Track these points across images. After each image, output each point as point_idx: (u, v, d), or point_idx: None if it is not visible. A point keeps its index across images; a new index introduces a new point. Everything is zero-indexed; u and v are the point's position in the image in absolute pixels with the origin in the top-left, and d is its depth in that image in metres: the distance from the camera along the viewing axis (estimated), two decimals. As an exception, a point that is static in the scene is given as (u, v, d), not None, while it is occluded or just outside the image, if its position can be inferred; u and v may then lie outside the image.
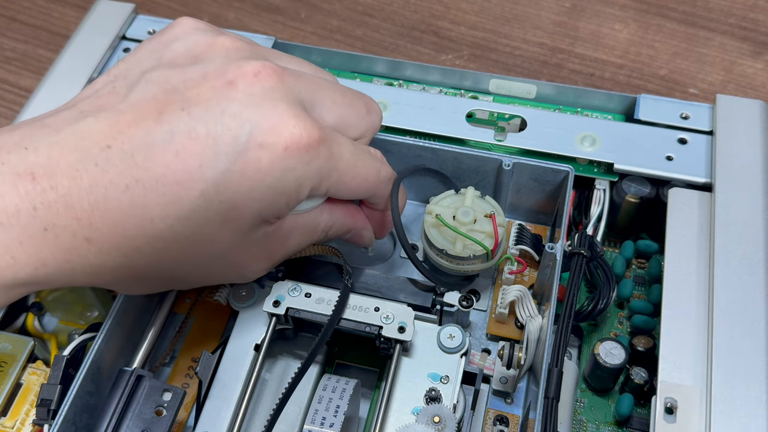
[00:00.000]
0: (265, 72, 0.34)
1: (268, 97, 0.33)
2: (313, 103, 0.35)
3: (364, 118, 0.38)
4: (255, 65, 0.34)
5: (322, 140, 0.34)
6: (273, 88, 0.34)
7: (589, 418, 0.41)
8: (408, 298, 0.40)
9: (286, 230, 0.36)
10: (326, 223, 0.38)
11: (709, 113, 0.47)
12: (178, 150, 0.31)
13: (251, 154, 0.32)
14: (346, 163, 0.35)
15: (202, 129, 0.32)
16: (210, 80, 0.33)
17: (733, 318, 0.38)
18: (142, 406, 0.37)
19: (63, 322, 0.46)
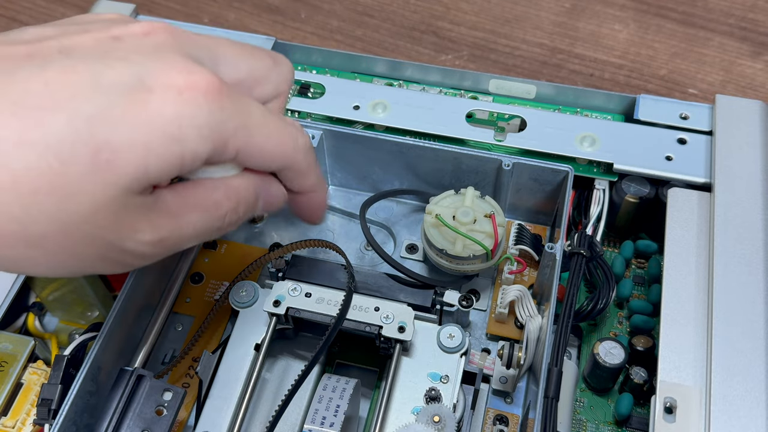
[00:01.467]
0: (155, 29, 0.31)
1: (159, 50, 0.30)
2: (214, 60, 0.32)
3: (273, 69, 0.35)
4: (144, 24, 0.31)
5: (224, 91, 0.30)
6: (165, 44, 0.31)
7: (589, 417, 0.41)
8: (408, 298, 0.40)
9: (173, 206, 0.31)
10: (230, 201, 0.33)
11: (709, 113, 0.47)
12: (47, 80, 0.28)
13: (138, 95, 0.28)
14: (257, 122, 0.31)
15: (81, 65, 0.28)
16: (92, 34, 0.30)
17: (732, 318, 0.38)
18: (143, 405, 0.37)
19: (63, 321, 0.46)
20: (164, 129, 0.28)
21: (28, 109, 0.27)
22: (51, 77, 0.28)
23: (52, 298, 0.45)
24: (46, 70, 0.28)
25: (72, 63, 0.28)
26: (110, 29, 0.31)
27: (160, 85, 0.29)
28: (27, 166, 0.27)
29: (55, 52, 0.29)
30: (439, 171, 0.46)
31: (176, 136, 0.29)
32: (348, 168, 0.48)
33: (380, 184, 0.48)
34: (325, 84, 0.50)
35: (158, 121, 0.28)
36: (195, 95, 0.29)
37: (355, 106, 0.49)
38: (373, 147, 0.46)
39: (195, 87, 0.29)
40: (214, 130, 0.30)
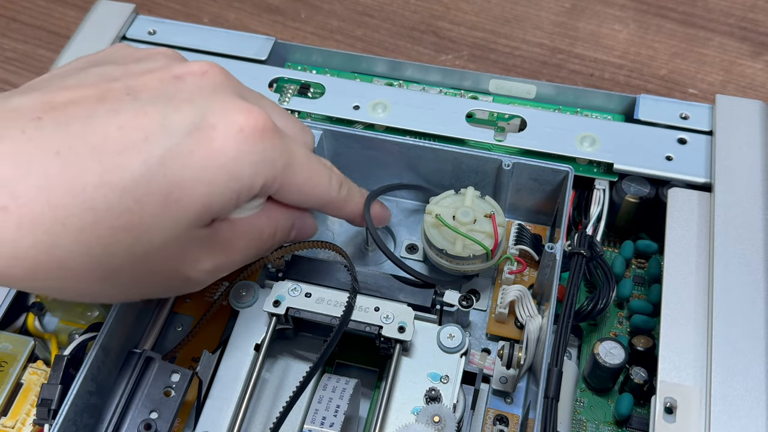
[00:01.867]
0: (213, 70, 0.33)
1: (218, 90, 0.33)
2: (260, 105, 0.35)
3: (304, 130, 0.38)
4: (202, 64, 0.34)
5: (277, 133, 0.33)
6: (222, 84, 0.33)
7: (589, 417, 0.41)
8: (408, 298, 0.40)
9: (227, 235, 0.34)
10: (270, 228, 0.36)
11: (709, 113, 0.47)
12: (122, 123, 0.30)
13: (203, 133, 0.31)
14: (301, 161, 0.35)
15: (151, 108, 0.30)
16: (155, 73, 0.33)
17: (732, 318, 0.38)
18: (151, 387, 0.37)
19: (63, 321, 0.46)
20: (226, 166, 0.31)
21: (107, 154, 0.29)
22: (124, 121, 0.30)
23: (52, 299, 0.45)
24: (119, 114, 0.30)
25: (142, 106, 0.30)
26: (171, 68, 0.33)
27: (223, 124, 0.31)
28: (107, 207, 0.29)
29: (123, 94, 0.31)
30: (439, 171, 0.46)
31: (235, 174, 0.31)
32: (348, 168, 0.48)
33: (380, 184, 0.48)
34: (325, 84, 0.50)
35: (221, 159, 0.31)
36: (253, 133, 0.32)
37: (355, 106, 0.49)
38: (373, 147, 0.46)
39: (253, 125, 0.32)
40: (266, 167, 0.33)
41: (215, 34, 0.54)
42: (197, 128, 0.31)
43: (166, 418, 0.36)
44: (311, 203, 0.37)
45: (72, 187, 0.28)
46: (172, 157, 0.30)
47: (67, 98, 0.30)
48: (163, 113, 0.30)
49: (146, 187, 0.29)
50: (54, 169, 0.28)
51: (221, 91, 0.33)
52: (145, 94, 0.31)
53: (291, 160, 0.34)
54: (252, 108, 0.32)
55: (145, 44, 0.53)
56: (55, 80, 0.32)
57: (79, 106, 0.30)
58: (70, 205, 0.28)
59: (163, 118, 0.30)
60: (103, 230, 0.29)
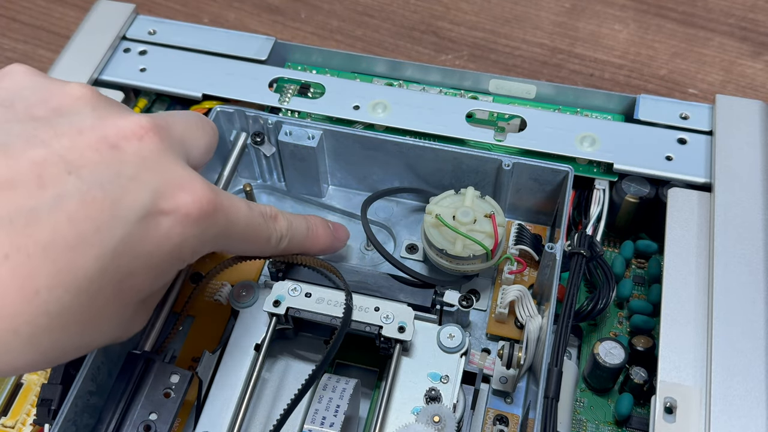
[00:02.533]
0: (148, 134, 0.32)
1: (160, 158, 0.32)
2: (187, 146, 0.35)
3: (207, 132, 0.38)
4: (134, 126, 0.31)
5: (219, 207, 0.33)
6: (159, 149, 0.32)
7: (589, 417, 0.41)
8: (408, 298, 0.40)
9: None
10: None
11: (709, 113, 0.47)
12: (71, 215, 0.28)
13: (152, 219, 0.30)
14: (240, 231, 0.35)
15: (98, 192, 0.29)
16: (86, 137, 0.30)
17: (732, 318, 0.38)
18: (151, 388, 0.37)
19: (63, 322, 0.46)
20: (172, 252, 0.31)
21: (59, 251, 0.27)
22: (72, 211, 0.28)
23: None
24: (65, 202, 0.28)
25: (88, 190, 0.29)
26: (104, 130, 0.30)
27: (170, 208, 0.31)
28: (61, 308, 0.28)
29: (64, 173, 0.28)
30: (439, 171, 0.46)
31: (179, 256, 0.32)
32: (348, 168, 0.48)
33: (380, 184, 0.48)
34: (325, 84, 0.50)
35: (167, 246, 0.31)
36: (197, 216, 0.32)
37: (355, 106, 0.49)
38: (373, 147, 0.46)
39: (198, 208, 0.32)
40: (206, 244, 0.33)
41: (215, 34, 0.54)
42: (147, 213, 0.30)
43: (166, 420, 0.36)
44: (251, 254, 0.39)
45: (24, 292, 0.27)
46: (123, 248, 0.29)
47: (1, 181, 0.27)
48: (111, 199, 0.29)
49: (100, 282, 0.29)
50: (3, 274, 0.26)
51: (163, 158, 0.32)
52: (86, 171, 0.29)
53: (230, 231, 0.34)
54: (194, 184, 0.32)
55: (146, 44, 0.53)
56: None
57: (18, 193, 0.27)
58: (22, 313, 0.27)
59: (113, 204, 0.29)
60: (55, 329, 0.28)
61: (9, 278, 0.26)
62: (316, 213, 0.49)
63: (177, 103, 0.53)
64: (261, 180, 0.50)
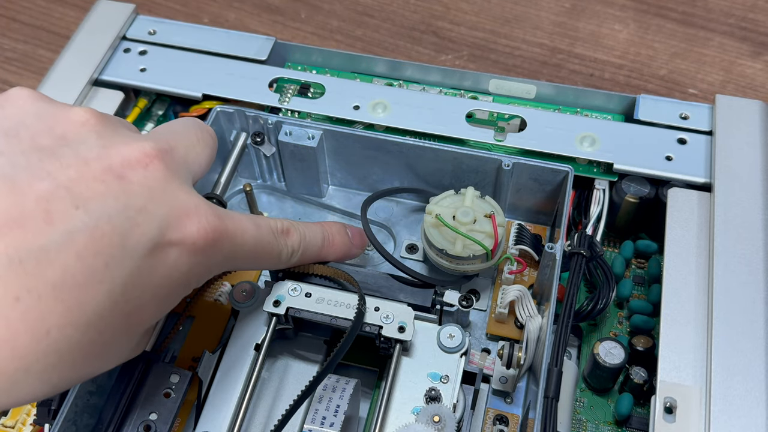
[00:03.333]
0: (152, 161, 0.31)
1: (165, 186, 0.31)
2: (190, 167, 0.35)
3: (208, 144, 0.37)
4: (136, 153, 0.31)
5: (225, 232, 0.33)
6: (164, 176, 0.31)
7: (589, 417, 0.41)
8: (408, 298, 0.40)
9: None
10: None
11: (709, 113, 0.47)
12: (80, 251, 0.27)
13: (161, 251, 0.30)
14: (248, 252, 0.35)
15: (107, 226, 0.28)
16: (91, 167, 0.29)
17: (732, 318, 0.38)
18: (151, 388, 0.37)
19: (63, 322, 0.46)
20: (180, 280, 0.31)
21: (68, 290, 0.27)
22: (81, 247, 0.28)
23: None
24: (74, 238, 0.27)
25: (96, 224, 0.28)
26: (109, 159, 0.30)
27: (177, 239, 0.31)
28: (70, 346, 0.28)
29: (72, 207, 0.28)
30: (439, 171, 0.46)
31: (187, 284, 0.32)
32: (348, 168, 0.48)
33: (380, 184, 0.48)
34: (325, 84, 0.50)
35: (175, 275, 0.31)
36: (205, 245, 0.32)
37: (355, 106, 0.49)
38: (373, 147, 0.46)
39: (204, 236, 0.31)
40: (213, 271, 0.34)
41: (215, 34, 0.54)
42: (155, 246, 0.30)
43: (166, 420, 0.36)
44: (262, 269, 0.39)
45: (35, 333, 0.27)
46: (132, 282, 0.29)
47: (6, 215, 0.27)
48: (120, 233, 0.29)
49: (110, 318, 0.29)
50: (15, 317, 0.26)
51: (169, 186, 0.31)
52: (93, 205, 0.28)
53: (236, 254, 0.34)
54: (202, 215, 0.32)
55: (146, 44, 0.53)
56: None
57: (26, 231, 0.27)
58: (33, 353, 0.27)
59: (122, 238, 0.29)
60: (65, 366, 0.28)
61: (20, 320, 0.26)
62: (316, 213, 0.49)
63: (177, 103, 0.53)
64: (261, 180, 0.50)
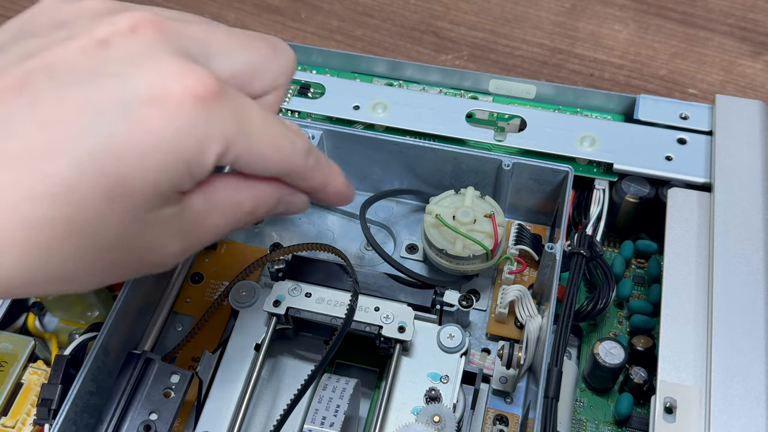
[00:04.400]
0: (143, 24, 0.29)
1: (151, 51, 0.28)
2: (207, 54, 0.31)
3: (272, 60, 0.33)
4: (128, 18, 0.29)
5: (222, 95, 0.28)
6: (155, 41, 0.28)
7: (589, 417, 0.41)
8: (408, 298, 0.40)
9: (201, 210, 0.31)
10: (250, 202, 0.33)
11: (709, 113, 0.47)
12: (43, 120, 0.26)
13: (137, 113, 0.27)
14: (257, 127, 0.30)
15: (72, 93, 0.26)
16: (77, 41, 0.28)
17: (732, 318, 0.38)
18: (151, 388, 0.37)
19: (64, 321, 0.46)
20: (169, 148, 0.27)
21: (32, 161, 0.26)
22: (44, 115, 0.26)
23: (52, 298, 0.45)
24: (39, 106, 0.26)
25: (62, 92, 0.26)
26: (94, 30, 0.28)
27: (157, 98, 0.27)
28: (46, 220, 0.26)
29: (42, 76, 0.27)
30: (439, 171, 0.46)
31: (180, 154, 0.28)
32: (348, 168, 0.48)
33: (380, 184, 0.48)
34: (325, 84, 0.50)
35: (160, 142, 0.27)
36: (192, 104, 0.27)
37: (355, 106, 0.49)
38: (373, 147, 0.46)
39: (192, 94, 0.27)
40: (215, 140, 0.29)
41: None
42: (129, 108, 0.27)
43: (166, 420, 0.36)
44: (273, 171, 0.32)
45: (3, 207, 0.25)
46: (105, 149, 0.26)
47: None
48: (86, 97, 0.26)
49: (84, 191, 0.26)
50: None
51: (155, 51, 0.28)
52: (64, 74, 0.27)
53: (244, 126, 0.29)
54: (190, 71, 0.28)
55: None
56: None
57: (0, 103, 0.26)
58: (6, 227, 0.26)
59: (87, 103, 0.26)
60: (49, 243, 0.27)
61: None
62: (315, 213, 0.49)
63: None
64: (261, 180, 0.50)
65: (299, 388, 0.36)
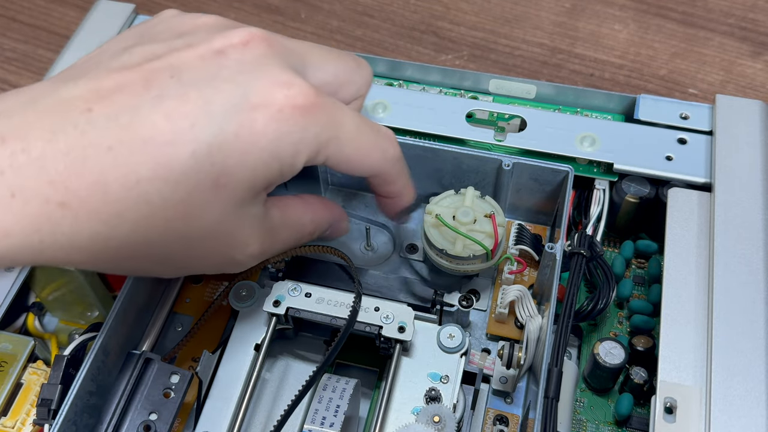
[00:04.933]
0: (254, 40, 0.33)
1: (260, 63, 0.32)
2: (305, 66, 0.35)
3: (356, 71, 0.38)
4: (242, 33, 0.33)
5: (320, 105, 0.32)
6: (264, 55, 0.33)
7: (589, 417, 0.41)
8: (408, 298, 0.40)
9: (277, 223, 0.36)
10: (311, 224, 0.38)
11: (709, 113, 0.47)
12: (168, 112, 0.30)
13: (245, 115, 0.31)
14: (348, 134, 0.34)
15: (194, 92, 0.31)
16: (197, 49, 0.32)
17: (732, 318, 0.38)
18: (151, 388, 0.37)
19: (63, 321, 0.46)
20: (267, 148, 0.31)
21: (157, 146, 0.29)
22: (170, 109, 0.30)
23: (52, 298, 0.45)
24: (164, 101, 0.30)
25: (185, 90, 0.30)
26: (212, 42, 0.33)
27: (263, 104, 0.31)
28: (161, 199, 0.30)
29: (167, 76, 0.31)
30: (439, 171, 0.46)
31: (276, 154, 0.32)
32: (348, 168, 0.48)
33: (380, 184, 0.48)
34: (325, 84, 0.50)
35: (262, 142, 0.31)
36: (293, 112, 0.31)
37: (355, 106, 0.49)
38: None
39: (293, 104, 0.31)
40: (308, 144, 0.32)
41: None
42: (239, 110, 0.31)
43: (166, 420, 0.36)
44: (361, 173, 0.36)
45: (126, 181, 0.29)
46: (217, 144, 0.30)
47: (113, 84, 0.30)
48: (205, 97, 0.30)
49: (196, 177, 0.30)
50: (107, 164, 0.29)
51: (264, 63, 0.32)
52: (187, 75, 0.31)
53: (337, 133, 0.33)
54: (293, 82, 0.32)
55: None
56: (102, 62, 0.33)
57: (126, 94, 0.30)
58: (125, 199, 0.29)
59: (206, 102, 0.30)
60: (158, 220, 0.30)
61: (112, 168, 0.29)
62: (316, 213, 0.49)
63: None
64: (261, 180, 0.50)
65: (300, 389, 0.36)
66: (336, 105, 0.34)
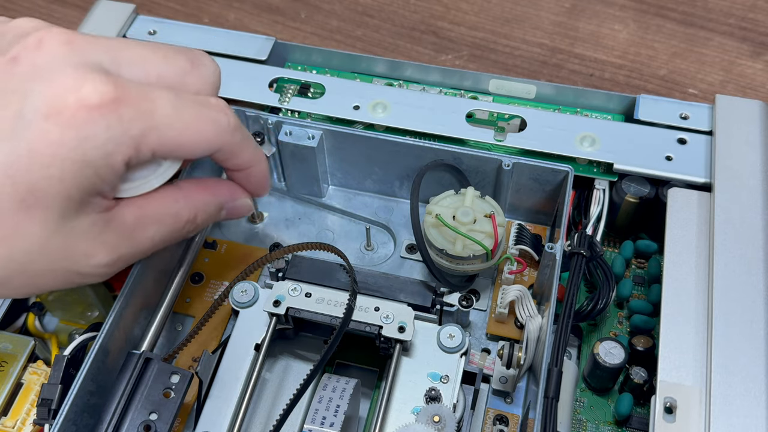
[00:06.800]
0: (50, 40, 0.30)
1: (53, 66, 0.29)
2: (118, 65, 0.31)
3: (191, 73, 0.34)
4: (38, 36, 0.30)
5: (121, 99, 0.29)
6: (61, 56, 0.30)
7: (589, 417, 0.41)
8: (408, 298, 0.40)
9: (132, 222, 0.32)
10: (189, 212, 0.34)
11: (709, 113, 0.47)
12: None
13: (37, 127, 0.28)
14: (165, 118, 0.31)
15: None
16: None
17: (732, 318, 0.38)
18: (151, 388, 0.37)
19: (64, 321, 0.46)
20: (71, 156, 0.28)
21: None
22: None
23: (52, 298, 0.45)
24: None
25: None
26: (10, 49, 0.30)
27: (54, 112, 0.28)
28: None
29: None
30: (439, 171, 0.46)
31: (85, 160, 0.29)
32: (348, 168, 0.48)
33: (380, 184, 0.48)
34: (325, 84, 0.50)
35: (62, 151, 0.28)
36: (89, 114, 0.28)
37: (355, 106, 0.49)
38: (373, 147, 0.46)
39: (87, 105, 0.28)
40: (119, 143, 0.29)
41: (215, 34, 0.54)
42: (30, 124, 0.28)
43: (166, 420, 0.36)
44: (201, 153, 0.33)
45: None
46: (10, 162, 0.28)
47: None
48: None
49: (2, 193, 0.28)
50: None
51: (57, 66, 0.29)
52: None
53: (151, 122, 0.30)
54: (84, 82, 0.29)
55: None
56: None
57: None
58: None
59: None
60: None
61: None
62: (316, 213, 0.49)
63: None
64: (261, 180, 0.50)
65: (298, 387, 0.36)
66: (142, 93, 0.30)
